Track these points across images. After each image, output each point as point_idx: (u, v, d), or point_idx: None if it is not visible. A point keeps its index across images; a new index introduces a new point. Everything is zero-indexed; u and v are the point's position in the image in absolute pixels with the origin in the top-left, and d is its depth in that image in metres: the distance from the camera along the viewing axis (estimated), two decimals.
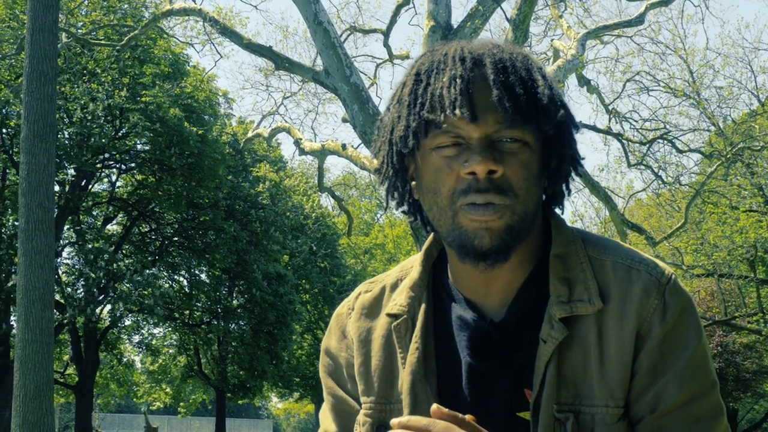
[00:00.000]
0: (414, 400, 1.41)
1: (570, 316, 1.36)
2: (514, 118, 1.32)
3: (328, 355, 1.58)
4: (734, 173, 20.59)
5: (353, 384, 1.53)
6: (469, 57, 1.36)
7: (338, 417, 1.55)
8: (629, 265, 1.40)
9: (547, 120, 1.35)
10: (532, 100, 1.34)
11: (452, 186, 1.35)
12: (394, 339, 1.47)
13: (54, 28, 11.47)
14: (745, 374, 25.58)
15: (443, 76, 1.35)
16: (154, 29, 20.04)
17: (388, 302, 1.53)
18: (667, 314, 1.35)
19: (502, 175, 1.32)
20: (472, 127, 1.32)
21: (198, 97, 24.32)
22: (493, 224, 1.33)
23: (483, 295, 1.43)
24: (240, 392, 31.84)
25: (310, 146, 15.56)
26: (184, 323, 29.70)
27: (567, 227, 1.47)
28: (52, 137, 11.27)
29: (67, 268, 25.49)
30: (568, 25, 15.41)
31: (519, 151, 1.34)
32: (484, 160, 1.31)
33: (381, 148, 1.45)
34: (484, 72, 1.35)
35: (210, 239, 26.85)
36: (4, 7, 21.63)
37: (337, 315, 1.60)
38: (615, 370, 1.34)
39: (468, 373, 1.41)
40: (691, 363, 1.35)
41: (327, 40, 11.12)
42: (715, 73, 19.59)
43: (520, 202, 1.33)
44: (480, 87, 1.34)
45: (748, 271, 22.43)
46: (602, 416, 1.33)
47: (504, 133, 1.33)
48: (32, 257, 10.82)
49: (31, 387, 10.49)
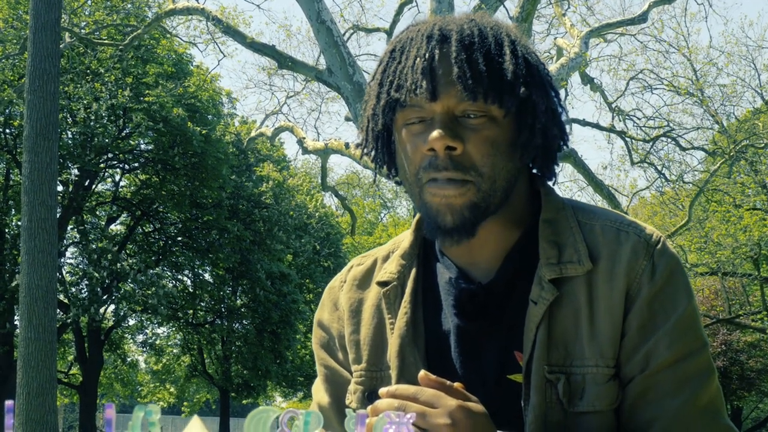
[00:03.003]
0: (402, 364, 1.42)
1: (560, 278, 1.37)
2: (475, 93, 1.33)
3: (321, 327, 1.59)
4: (738, 171, 20.54)
5: (345, 355, 1.54)
6: (437, 34, 1.38)
7: (331, 388, 1.55)
8: (618, 228, 1.41)
9: (511, 95, 1.35)
10: (495, 76, 1.35)
11: (418, 162, 1.37)
12: (383, 306, 1.49)
13: (56, 27, 11.48)
14: (749, 373, 25.55)
15: (411, 54, 1.38)
16: (157, 29, 20.04)
17: (379, 272, 1.54)
18: (656, 275, 1.36)
19: (463, 152, 1.34)
20: (433, 103, 1.35)
21: (201, 97, 24.32)
22: (455, 201, 1.35)
23: (470, 263, 1.45)
24: (244, 392, 31.82)
25: (314, 145, 15.57)
26: (188, 323, 29.70)
27: (556, 195, 1.48)
28: (54, 135, 11.29)
29: (70, 267, 25.53)
30: (571, 23, 15.41)
31: (483, 127, 1.35)
32: (442, 136, 1.32)
33: (361, 123, 1.49)
34: (449, 48, 1.36)
35: (213, 239, 26.84)
36: (8, 7, 21.65)
37: (330, 288, 1.61)
38: (605, 330, 1.34)
39: (456, 335, 1.42)
40: (681, 322, 1.35)
41: (330, 38, 11.12)
42: (719, 71, 19.55)
43: (484, 180, 1.35)
44: (444, 64, 1.36)
45: (752, 270, 22.40)
46: (593, 376, 1.33)
47: (467, 108, 1.34)
48: (35, 256, 10.84)
49: (34, 385, 10.51)
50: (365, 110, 1.47)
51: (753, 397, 28.51)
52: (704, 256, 21.76)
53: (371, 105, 1.44)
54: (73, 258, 26.18)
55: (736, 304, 24.30)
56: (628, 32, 17.44)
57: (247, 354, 29.64)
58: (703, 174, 19.62)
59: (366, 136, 1.48)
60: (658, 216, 23.78)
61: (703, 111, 18.95)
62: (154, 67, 23.71)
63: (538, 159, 1.45)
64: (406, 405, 1.19)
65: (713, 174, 18.38)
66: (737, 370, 25.35)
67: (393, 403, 1.19)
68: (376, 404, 1.20)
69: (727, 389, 26.70)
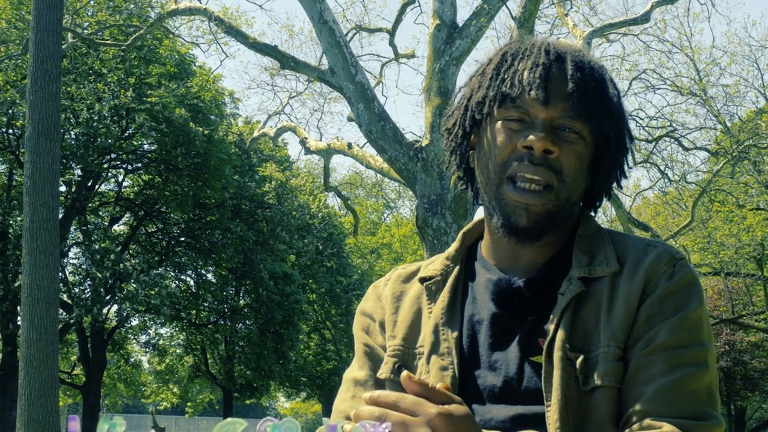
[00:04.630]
0: (435, 341, 1.52)
1: (588, 277, 1.46)
2: (581, 111, 1.46)
3: (363, 314, 1.68)
4: (741, 171, 20.53)
5: (383, 336, 1.62)
6: (553, 50, 1.52)
7: (369, 362, 1.62)
8: (647, 243, 1.51)
9: (610, 122, 1.50)
10: (601, 102, 1.49)
11: (507, 155, 1.48)
12: (424, 297, 1.59)
13: (58, 27, 11.48)
14: (753, 373, 25.55)
15: (527, 61, 1.50)
16: (160, 29, 20.06)
17: (423, 271, 1.64)
18: (673, 278, 1.44)
19: (557, 158, 1.46)
20: (541, 108, 1.46)
21: (204, 97, 24.34)
22: (534, 206, 1.46)
23: (510, 267, 1.55)
24: (247, 392, 31.84)
25: (316, 145, 15.56)
26: (191, 323, 29.72)
27: (595, 221, 1.59)
28: (56, 136, 11.29)
29: (73, 268, 25.56)
30: (573, 24, 15.40)
31: (576, 142, 1.47)
32: (545, 138, 1.44)
33: (455, 112, 1.60)
34: (564, 66, 1.49)
35: (216, 239, 26.87)
36: (10, 8, 21.68)
37: (374, 285, 1.71)
38: (619, 316, 1.42)
39: (490, 320, 1.51)
40: (686, 319, 1.41)
41: (332, 39, 11.11)
42: (722, 71, 19.58)
43: (565, 188, 1.47)
44: (557, 78, 1.48)
45: (756, 270, 22.39)
46: (604, 354, 1.40)
47: (567, 122, 1.47)
48: (37, 256, 10.84)
49: (36, 386, 10.49)
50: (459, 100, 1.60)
51: (756, 398, 28.50)
52: (707, 256, 21.75)
53: (479, 95, 1.53)
54: (76, 258, 26.24)
55: (739, 304, 24.29)
56: (631, 32, 17.43)
57: (250, 354, 29.66)
58: (706, 174, 19.62)
59: (459, 122, 1.58)
60: (661, 216, 23.78)
61: (706, 111, 18.96)
62: (157, 68, 23.73)
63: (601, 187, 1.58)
64: (386, 413, 1.20)
65: (716, 174, 18.36)
66: (740, 371, 25.35)
67: (374, 411, 1.20)
68: (358, 411, 1.21)
69: (730, 389, 26.67)
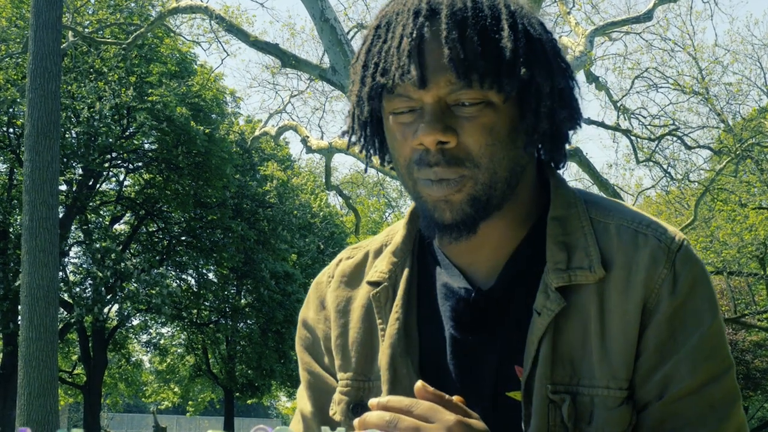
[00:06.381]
0: (394, 376, 1.28)
1: (568, 285, 1.22)
2: (469, 79, 1.16)
3: (305, 327, 1.45)
4: (743, 170, 20.51)
5: (330, 358, 1.39)
6: (425, 8, 1.20)
7: (314, 396, 1.41)
8: (636, 229, 1.25)
9: (510, 78, 1.18)
10: (492, 57, 1.17)
11: (408, 156, 1.23)
12: (374, 311, 1.34)
13: (57, 25, 11.45)
14: (755, 372, 25.48)
15: (397, 32, 1.21)
16: (161, 27, 20.02)
17: (370, 269, 1.39)
18: (677, 286, 1.21)
19: (457, 145, 1.19)
20: (423, 92, 1.18)
21: (205, 96, 24.31)
22: (453, 197, 1.20)
23: (469, 262, 1.31)
24: (248, 391, 31.84)
25: (318, 144, 15.53)
26: (192, 322, 29.71)
27: (568, 188, 1.32)
28: (56, 134, 11.25)
29: (74, 267, 25.55)
30: (576, 22, 15.34)
31: (480, 114, 1.19)
32: (432, 130, 1.17)
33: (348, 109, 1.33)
34: (439, 26, 1.18)
35: (217, 238, 26.84)
36: (11, 6, 21.65)
37: (317, 283, 1.46)
38: (618, 347, 1.20)
39: (452, 346, 1.28)
40: (705, 342, 1.21)
41: (334, 37, 11.07)
42: (724, 70, 19.52)
43: (482, 171, 1.19)
44: (433, 44, 1.18)
45: (758, 269, 22.35)
46: (602, 399, 1.19)
47: (460, 96, 1.18)
48: (36, 255, 10.80)
49: (35, 385, 10.46)
50: (350, 94, 1.30)
51: (759, 397, 28.43)
52: (710, 255, 21.70)
53: (356, 89, 1.26)
54: (77, 257, 26.23)
55: (741, 303, 24.24)
56: (633, 31, 17.41)
57: (252, 354, 29.64)
58: (709, 173, 19.57)
59: (352, 123, 1.31)
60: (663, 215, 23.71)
61: (709, 110, 18.91)
62: (158, 66, 23.70)
63: (545, 146, 1.29)
64: (399, 419, 1.05)
65: (719, 173, 18.33)
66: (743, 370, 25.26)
67: (384, 416, 1.05)
68: (365, 417, 1.07)
69: None
